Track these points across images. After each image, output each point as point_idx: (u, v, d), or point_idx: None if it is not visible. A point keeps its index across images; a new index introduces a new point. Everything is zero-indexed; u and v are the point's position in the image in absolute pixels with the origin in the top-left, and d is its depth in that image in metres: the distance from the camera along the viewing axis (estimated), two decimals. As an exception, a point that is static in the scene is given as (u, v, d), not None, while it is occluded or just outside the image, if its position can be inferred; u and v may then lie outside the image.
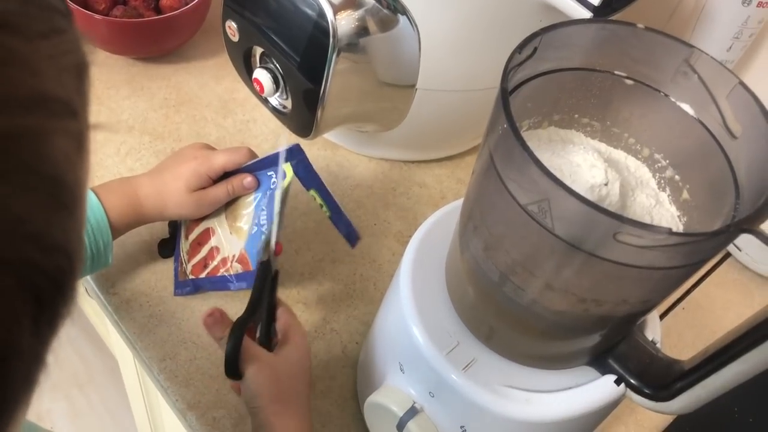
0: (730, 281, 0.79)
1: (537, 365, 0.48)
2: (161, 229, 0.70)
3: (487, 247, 0.42)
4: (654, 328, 0.49)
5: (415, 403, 0.49)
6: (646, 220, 0.44)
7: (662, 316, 0.73)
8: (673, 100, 0.43)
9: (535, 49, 0.41)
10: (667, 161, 0.46)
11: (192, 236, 0.66)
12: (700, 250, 0.35)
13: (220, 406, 0.60)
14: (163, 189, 0.61)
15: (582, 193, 0.41)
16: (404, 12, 0.59)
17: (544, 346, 0.47)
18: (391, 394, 0.50)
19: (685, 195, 0.45)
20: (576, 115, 0.47)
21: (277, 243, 0.57)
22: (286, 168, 0.58)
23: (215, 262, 0.63)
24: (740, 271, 0.79)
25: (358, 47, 0.58)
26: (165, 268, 0.68)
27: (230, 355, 0.50)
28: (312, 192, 0.60)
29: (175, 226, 0.69)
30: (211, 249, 0.64)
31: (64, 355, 1.66)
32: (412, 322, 0.49)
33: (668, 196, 0.46)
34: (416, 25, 0.60)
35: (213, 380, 0.61)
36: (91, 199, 0.57)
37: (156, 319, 0.65)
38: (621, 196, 0.43)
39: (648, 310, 0.43)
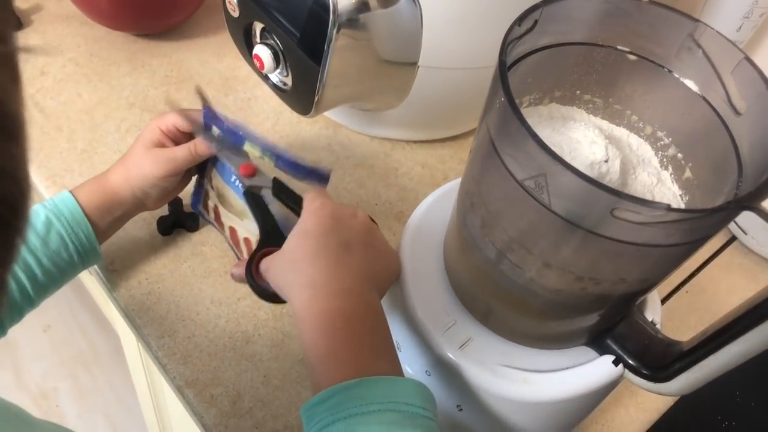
0: (735, 265, 0.78)
1: (534, 345, 0.47)
2: (160, 208, 0.69)
3: (484, 224, 0.42)
4: (654, 309, 0.49)
5: (411, 381, 0.48)
6: (647, 198, 0.43)
7: (665, 299, 0.73)
8: (676, 76, 0.42)
9: (536, 21, 0.40)
10: (670, 139, 0.45)
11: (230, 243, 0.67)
12: (699, 228, 0.35)
13: (218, 384, 0.60)
14: (125, 156, 0.60)
15: (582, 169, 0.40)
16: (406, -13, 0.58)
17: (542, 326, 0.46)
18: (388, 372, 0.49)
19: (688, 173, 0.44)
20: (577, 92, 0.46)
21: (240, 166, 0.59)
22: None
23: (245, 246, 0.63)
24: (745, 255, 0.78)
25: (358, 23, 0.57)
26: (164, 246, 0.68)
27: (250, 284, 0.50)
28: (248, 147, 0.58)
29: (174, 204, 0.69)
30: (246, 240, 0.63)
31: (70, 334, 1.68)
32: (409, 301, 0.48)
33: (670, 174, 0.45)
34: (418, 1, 0.59)
35: (211, 358, 0.61)
36: (63, 195, 0.57)
37: (155, 297, 0.64)
38: (622, 174, 0.42)
39: (647, 289, 0.43)
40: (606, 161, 0.41)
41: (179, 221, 0.68)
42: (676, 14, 0.40)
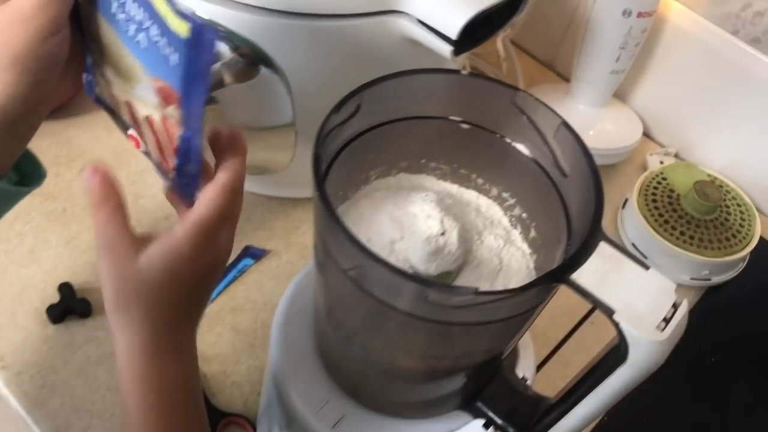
0: (639, 289, 0.79)
1: (406, 415, 0.47)
2: (51, 295, 0.68)
3: (329, 308, 0.42)
4: (526, 365, 0.49)
5: (293, 462, 0.48)
6: (495, 262, 0.43)
7: (570, 333, 0.74)
8: (509, 141, 0.43)
9: (359, 105, 0.40)
10: (515, 200, 0.46)
11: (130, 128, 0.46)
12: (520, 303, 0.35)
13: (116, 475, 0.59)
14: None
15: (419, 243, 0.40)
16: (266, 60, 0.58)
17: (408, 397, 0.46)
18: (270, 454, 0.49)
19: (533, 233, 0.45)
20: (423, 161, 0.47)
21: None
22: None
23: (167, 136, 0.41)
24: (648, 278, 0.80)
25: (217, 99, 0.57)
26: (56, 335, 0.66)
27: None
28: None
29: (64, 290, 0.68)
30: (148, 120, 0.42)
31: None
32: (281, 381, 0.48)
33: (520, 234, 0.46)
34: (282, 71, 0.59)
35: (107, 449, 0.60)
36: None
37: (48, 390, 0.63)
38: (464, 242, 0.43)
39: (498, 356, 0.43)
40: (443, 234, 0.41)
41: (70, 307, 0.67)
42: (494, 84, 0.41)
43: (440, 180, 0.48)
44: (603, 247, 0.35)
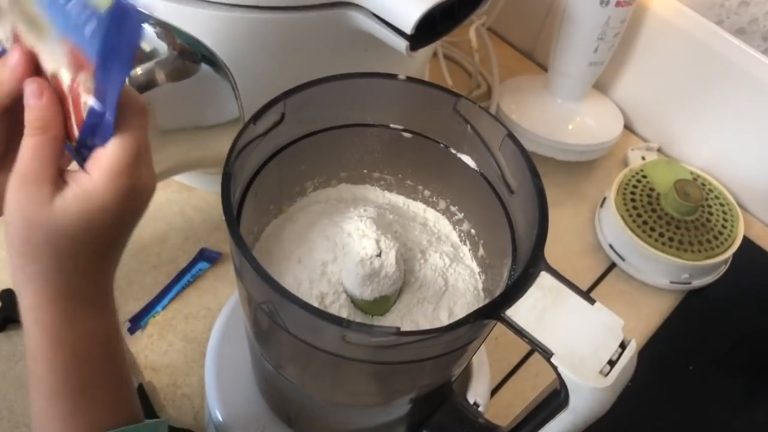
0: (617, 293, 0.76)
1: (346, 446, 0.44)
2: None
3: (256, 337, 0.38)
4: (479, 389, 0.46)
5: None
6: (439, 283, 0.40)
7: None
8: (453, 152, 0.39)
9: (283, 114, 0.36)
10: (463, 214, 0.42)
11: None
12: (449, 341, 0.31)
13: (54, 497, 0.55)
14: None
15: (352, 266, 0.37)
16: (208, 56, 0.54)
17: (345, 427, 0.43)
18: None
19: (482, 251, 0.41)
20: (365, 171, 0.43)
21: None
22: None
23: (71, 101, 0.36)
24: (626, 282, 0.76)
25: (153, 98, 0.53)
26: (-5, 346, 0.63)
27: None
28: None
29: (5, 297, 0.64)
30: (55, 80, 0.36)
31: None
32: (216, 404, 0.45)
33: (469, 250, 0.42)
34: (227, 68, 0.55)
35: (45, 468, 0.57)
36: None
37: (-16, 405, 0.60)
38: (405, 262, 0.39)
39: (442, 386, 0.39)
40: (378, 255, 0.37)
41: (11, 316, 0.64)
42: (436, 89, 0.37)
43: (385, 191, 0.44)
44: (544, 278, 0.31)
